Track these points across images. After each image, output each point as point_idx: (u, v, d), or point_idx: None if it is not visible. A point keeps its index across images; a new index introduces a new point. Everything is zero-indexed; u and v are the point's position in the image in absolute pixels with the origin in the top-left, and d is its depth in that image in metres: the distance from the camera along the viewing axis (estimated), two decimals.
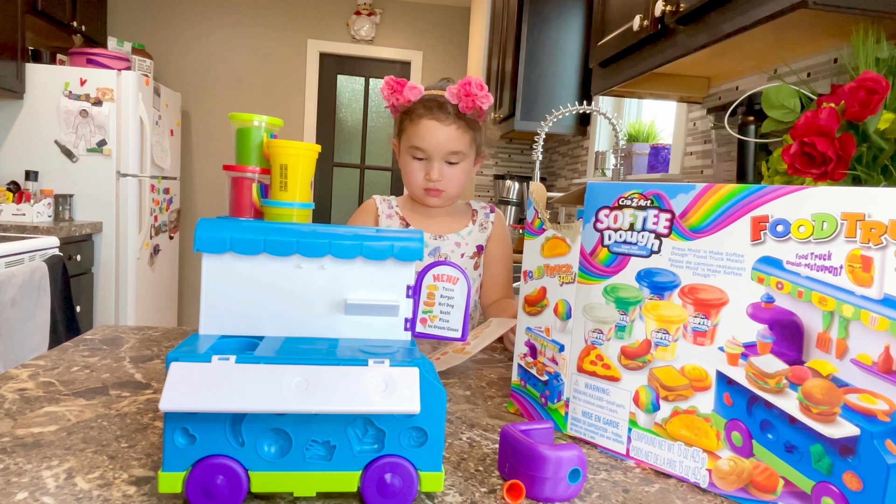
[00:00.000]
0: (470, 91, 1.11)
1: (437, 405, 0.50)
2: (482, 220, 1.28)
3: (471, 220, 1.27)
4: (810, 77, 1.38)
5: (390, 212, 1.25)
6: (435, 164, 1.16)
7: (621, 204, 0.63)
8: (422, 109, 1.15)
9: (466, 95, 1.12)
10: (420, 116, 1.15)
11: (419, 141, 1.15)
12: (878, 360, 0.47)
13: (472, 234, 1.26)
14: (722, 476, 0.56)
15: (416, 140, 1.15)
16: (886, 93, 0.71)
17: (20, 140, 3.05)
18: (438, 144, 1.14)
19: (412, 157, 1.18)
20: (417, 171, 1.18)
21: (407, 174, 1.20)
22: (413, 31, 4.74)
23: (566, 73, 2.84)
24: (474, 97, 1.12)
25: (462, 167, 1.19)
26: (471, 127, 1.17)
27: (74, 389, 0.73)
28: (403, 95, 1.15)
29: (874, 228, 0.47)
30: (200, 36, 4.47)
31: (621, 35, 1.61)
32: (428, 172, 1.17)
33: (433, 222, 1.25)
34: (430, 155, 1.16)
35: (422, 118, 1.15)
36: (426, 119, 1.14)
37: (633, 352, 0.62)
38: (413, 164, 1.18)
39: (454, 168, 1.18)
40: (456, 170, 1.18)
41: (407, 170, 1.20)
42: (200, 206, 4.55)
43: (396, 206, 1.27)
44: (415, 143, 1.16)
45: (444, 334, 0.59)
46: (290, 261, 0.55)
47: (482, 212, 1.29)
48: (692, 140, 1.97)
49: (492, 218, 1.29)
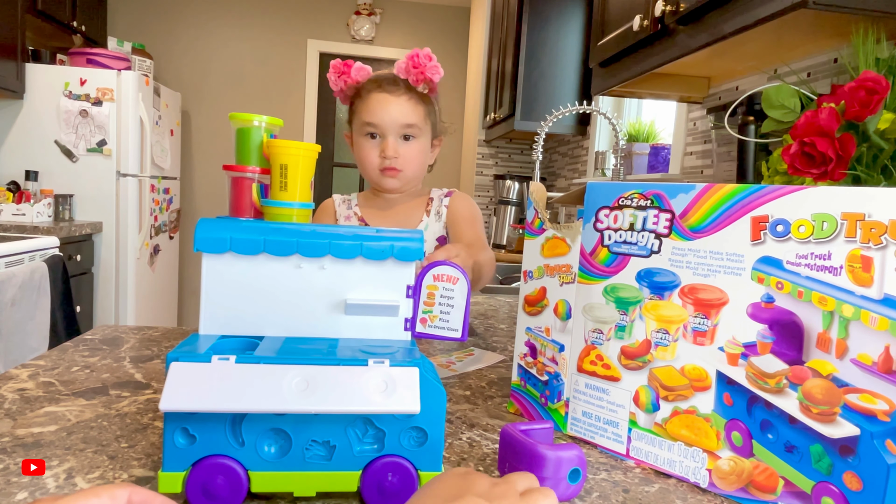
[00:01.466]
0: (418, 62, 1.07)
1: (437, 405, 0.50)
2: (437, 207, 1.21)
3: (425, 213, 1.20)
4: (810, 77, 1.38)
5: (349, 213, 1.20)
6: (390, 140, 1.10)
7: (621, 204, 0.63)
8: (371, 85, 1.11)
9: (415, 67, 1.07)
10: (369, 91, 1.11)
11: (370, 116, 1.10)
12: (878, 360, 0.47)
13: (428, 227, 1.20)
14: (722, 476, 0.56)
15: (367, 115, 1.10)
16: (886, 93, 0.71)
17: (20, 140, 3.05)
18: (391, 117, 1.09)
19: (365, 136, 1.12)
20: (372, 150, 1.12)
21: (361, 156, 1.14)
22: (413, 31, 4.74)
23: (566, 73, 2.84)
24: (423, 67, 1.07)
25: (419, 145, 1.13)
26: (423, 100, 1.13)
27: (74, 389, 0.73)
28: (351, 77, 1.11)
29: (874, 228, 0.47)
30: (200, 36, 4.47)
31: (621, 35, 1.61)
32: (383, 150, 1.11)
33: (390, 218, 1.20)
34: (384, 130, 1.10)
35: (371, 92, 1.10)
36: (376, 92, 1.10)
37: (633, 352, 0.62)
38: (367, 143, 1.12)
39: (410, 145, 1.12)
40: (412, 147, 1.13)
41: (361, 152, 1.14)
42: (200, 206, 4.55)
43: (356, 207, 1.21)
44: (366, 118, 1.10)
45: (444, 334, 0.59)
46: (290, 261, 0.55)
47: (438, 198, 1.22)
48: (692, 140, 1.97)
49: (446, 202, 1.21)
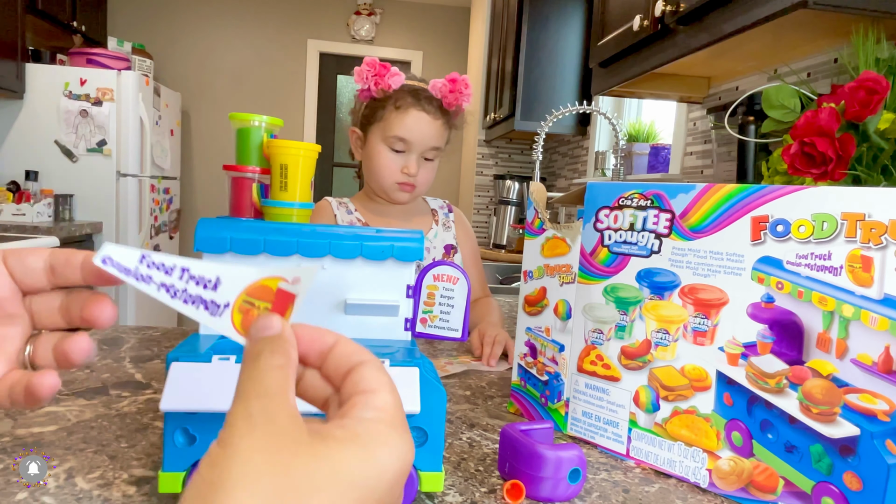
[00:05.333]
0: (456, 87, 1.08)
1: (437, 405, 0.50)
2: (443, 219, 1.25)
3: (433, 221, 1.23)
4: (810, 77, 1.38)
5: (350, 218, 1.19)
6: (414, 158, 1.11)
7: (621, 204, 0.63)
8: (410, 99, 1.09)
9: (452, 92, 1.08)
10: (409, 106, 1.09)
11: (405, 132, 1.09)
12: (878, 360, 0.47)
13: (437, 235, 1.22)
14: (722, 476, 0.56)
15: (400, 130, 1.09)
16: (886, 93, 0.71)
17: (20, 140, 3.05)
18: (423, 138, 1.10)
19: (389, 148, 1.11)
20: (393, 162, 1.11)
21: (379, 166, 1.12)
22: (413, 31, 4.74)
23: (566, 73, 2.84)
24: (459, 94, 1.09)
25: (435, 166, 1.15)
26: (450, 125, 1.14)
27: (74, 389, 0.73)
28: (385, 81, 1.09)
29: (874, 228, 0.47)
30: (200, 36, 4.47)
31: (621, 35, 1.61)
32: (406, 166, 1.10)
33: (395, 224, 1.20)
34: (412, 148, 1.10)
35: (411, 108, 1.09)
36: (415, 109, 1.09)
37: (633, 352, 0.62)
38: (389, 154, 1.11)
39: (429, 165, 1.14)
40: (430, 167, 1.14)
41: (380, 161, 1.12)
42: (200, 206, 4.55)
43: (356, 212, 1.20)
44: (399, 133, 1.09)
45: (444, 334, 0.59)
46: (290, 261, 0.55)
47: (441, 211, 1.26)
48: (692, 140, 1.97)
49: (452, 217, 1.26)
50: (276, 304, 0.31)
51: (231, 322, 0.31)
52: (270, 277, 0.31)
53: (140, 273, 0.31)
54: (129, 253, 0.31)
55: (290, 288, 0.31)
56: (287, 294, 0.31)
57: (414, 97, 1.09)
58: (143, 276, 0.31)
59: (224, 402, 0.45)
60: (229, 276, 0.31)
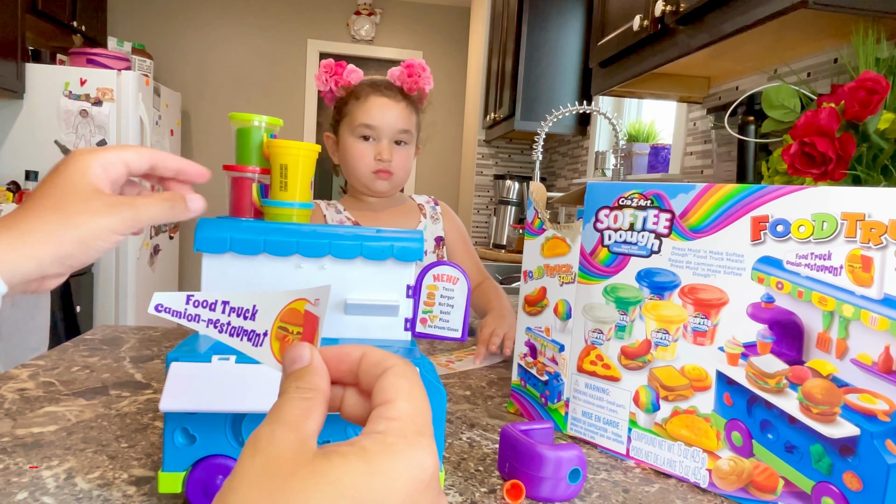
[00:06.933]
0: (413, 72, 1.11)
1: (437, 405, 0.50)
2: (431, 212, 1.27)
3: (421, 215, 1.26)
4: (810, 77, 1.38)
5: (340, 217, 1.20)
6: (385, 143, 1.13)
7: (621, 204, 0.63)
8: (369, 88, 1.13)
9: (410, 76, 1.12)
10: (368, 94, 1.13)
11: (370, 118, 1.11)
12: (878, 360, 0.47)
13: (427, 228, 1.25)
14: (722, 476, 0.56)
15: (365, 118, 1.12)
16: (886, 93, 0.71)
17: (20, 140, 3.04)
18: (389, 122, 1.12)
19: (359, 139, 1.14)
20: (366, 151, 1.13)
21: (354, 158, 1.15)
22: (413, 31, 4.74)
23: (566, 73, 2.84)
24: (418, 77, 1.11)
25: (408, 151, 1.17)
26: (415, 109, 1.16)
27: (74, 389, 0.73)
28: (343, 78, 1.13)
29: (874, 228, 0.47)
30: (200, 36, 4.47)
31: (621, 35, 1.61)
32: (379, 152, 1.13)
33: (384, 221, 1.22)
34: (380, 134, 1.13)
35: (370, 95, 1.12)
36: (375, 96, 1.12)
37: (633, 352, 0.62)
38: (360, 145, 1.13)
39: (402, 151, 1.15)
40: (403, 153, 1.15)
41: (354, 153, 1.14)
42: None
43: (346, 212, 1.22)
44: (364, 120, 1.12)
45: (444, 334, 0.59)
46: (290, 261, 0.55)
47: (428, 205, 1.29)
48: (692, 140, 1.97)
49: (439, 210, 1.29)
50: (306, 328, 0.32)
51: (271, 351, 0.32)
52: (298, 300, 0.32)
53: (189, 313, 0.33)
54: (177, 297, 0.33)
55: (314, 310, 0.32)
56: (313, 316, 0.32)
57: (373, 86, 1.14)
58: (193, 315, 0.33)
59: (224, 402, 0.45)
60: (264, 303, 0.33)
